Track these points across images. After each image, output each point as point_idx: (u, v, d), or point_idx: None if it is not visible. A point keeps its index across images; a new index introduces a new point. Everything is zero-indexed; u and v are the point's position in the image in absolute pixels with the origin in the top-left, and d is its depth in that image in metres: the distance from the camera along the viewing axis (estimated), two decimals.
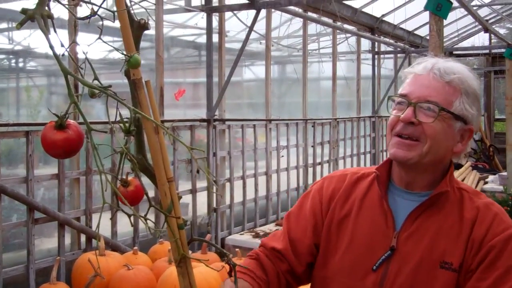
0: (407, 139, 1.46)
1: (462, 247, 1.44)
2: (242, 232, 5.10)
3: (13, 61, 4.26)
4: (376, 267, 1.50)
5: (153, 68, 4.74)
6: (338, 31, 7.44)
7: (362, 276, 1.51)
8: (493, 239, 1.43)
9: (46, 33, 0.68)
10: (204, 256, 3.28)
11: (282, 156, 6.33)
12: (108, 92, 0.67)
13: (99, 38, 0.75)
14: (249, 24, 5.22)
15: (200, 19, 5.35)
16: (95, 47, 0.75)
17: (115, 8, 0.81)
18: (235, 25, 5.90)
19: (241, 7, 5.27)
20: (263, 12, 5.48)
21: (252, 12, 5.13)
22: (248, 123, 5.77)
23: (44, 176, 3.75)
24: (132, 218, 0.82)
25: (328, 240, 1.59)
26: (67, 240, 3.94)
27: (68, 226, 3.81)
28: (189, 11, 5.27)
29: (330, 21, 7.13)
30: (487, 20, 10.52)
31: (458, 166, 8.26)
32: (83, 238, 4.03)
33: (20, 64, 4.30)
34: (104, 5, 0.76)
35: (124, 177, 0.84)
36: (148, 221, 0.79)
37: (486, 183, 7.50)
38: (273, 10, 6.01)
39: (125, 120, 0.76)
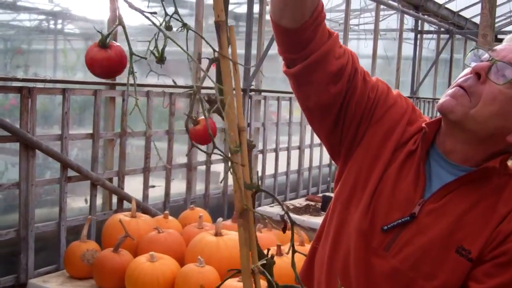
0: (462, 90, 1.28)
1: (486, 237, 1.28)
2: (272, 205, 5.06)
3: (52, 22, 4.23)
4: (387, 227, 1.34)
5: (191, 35, 4.66)
6: (381, 6, 7.25)
7: (368, 231, 1.36)
8: None
9: None
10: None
11: None
12: (188, 26, 0.62)
13: None
14: None
15: None
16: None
17: None
18: None
19: None
20: None
21: None
22: (284, 95, 5.67)
23: (79, 135, 3.73)
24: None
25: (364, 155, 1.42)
26: (99, 200, 3.94)
27: (100, 186, 3.81)
28: None
29: None
30: None
31: None
32: (114, 199, 4.03)
33: (59, 26, 4.26)
34: None
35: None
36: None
37: None
38: None
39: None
